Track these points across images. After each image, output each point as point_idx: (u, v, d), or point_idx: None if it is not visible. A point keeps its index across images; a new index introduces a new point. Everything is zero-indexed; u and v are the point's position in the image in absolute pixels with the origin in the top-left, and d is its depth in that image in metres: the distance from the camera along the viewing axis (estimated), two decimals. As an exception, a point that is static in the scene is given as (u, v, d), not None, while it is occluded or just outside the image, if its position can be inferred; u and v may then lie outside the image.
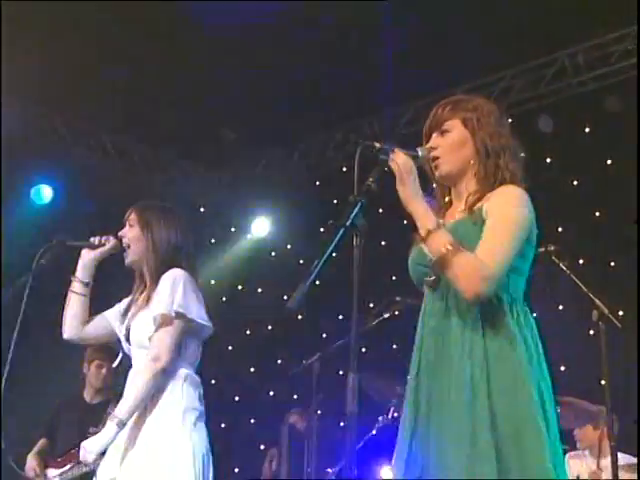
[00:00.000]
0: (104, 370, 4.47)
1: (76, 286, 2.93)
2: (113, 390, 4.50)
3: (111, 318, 2.95)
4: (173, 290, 2.70)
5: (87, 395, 4.52)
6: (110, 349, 4.12)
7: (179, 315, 2.69)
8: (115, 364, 2.92)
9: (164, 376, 2.67)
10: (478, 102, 2.17)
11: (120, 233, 2.90)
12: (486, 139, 2.10)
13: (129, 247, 2.86)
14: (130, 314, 2.85)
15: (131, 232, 2.87)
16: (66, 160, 6.51)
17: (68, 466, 4.21)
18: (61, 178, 6.46)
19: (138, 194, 6.40)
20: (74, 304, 2.93)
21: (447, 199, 2.18)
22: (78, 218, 5.99)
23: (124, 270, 2.92)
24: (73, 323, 2.93)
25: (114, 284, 3.02)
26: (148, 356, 2.66)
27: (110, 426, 2.60)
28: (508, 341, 1.94)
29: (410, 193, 1.96)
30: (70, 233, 3.01)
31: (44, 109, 6.19)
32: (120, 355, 2.89)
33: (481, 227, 1.99)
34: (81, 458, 2.63)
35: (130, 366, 2.82)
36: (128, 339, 2.81)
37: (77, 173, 6.49)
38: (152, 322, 2.69)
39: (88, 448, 2.60)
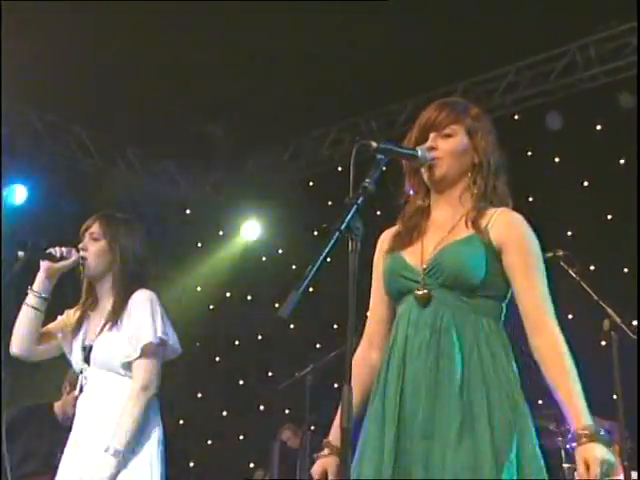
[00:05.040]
0: None
1: (33, 300, 2.88)
2: None
3: (57, 332, 2.94)
4: (154, 316, 2.75)
5: (60, 411, 4.39)
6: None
7: (163, 342, 2.75)
8: (77, 392, 2.87)
9: (152, 404, 2.73)
10: (479, 111, 2.22)
11: (81, 246, 2.87)
12: (490, 155, 2.15)
13: (89, 260, 2.85)
14: (86, 331, 2.85)
15: (95, 245, 2.86)
16: (42, 158, 6.50)
17: None
18: (36, 178, 6.45)
19: (120, 195, 6.49)
20: (29, 318, 2.88)
21: (426, 202, 2.19)
22: (55, 221, 5.98)
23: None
24: (25, 339, 2.90)
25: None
26: (136, 385, 2.70)
27: (107, 458, 2.60)
28: (503, 370, 1.99)
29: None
30: (46, 237, 3.01)
31: (18, 103, 6.18)
32: (80, 381, 2.85)
33: (494, 253, 2.06)
34: None
35: (82, 387, 2.81)
36: (87, 359, 2.80)
37: (54, 172, 6.49)
38: (128, 346, 2.72)
39: None
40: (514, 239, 2.06)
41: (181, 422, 7.02)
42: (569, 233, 5.66)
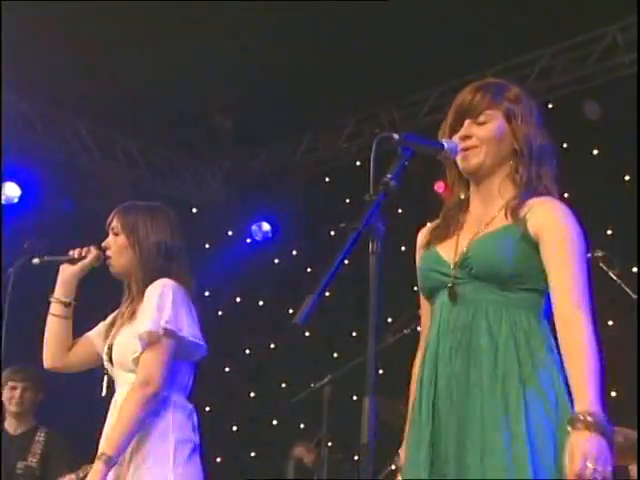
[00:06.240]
0: (17, 392, 4.51)
1: (56, 308, 2.93)
2: (36, 416, 4.58)
3: (95, 339, 2.97)
4: (161, 304, 2.71)
5: (9, 426, 4.55)
6: (28, 368, 4.19)
7: (168, 332, 2.71)
8: (103, 392, 2.91)
9: (155, 403, 2.68)
10: (519, 92, 2.22)
11: (104, 244, 2.92)
12: (531, 140, 2.15)
13: (113, 258, 2.88)
14: (113, 330, 2.88)
15: (116, 241, 2.89)
16: (37, 153, 6.54)
17: None
18: (31, 174, 6.49)
19: (121, 192, 6.51)
20: (55, 328, 2.93)
21: (463, 196, 2.22)
22: (51, 220, 6.03)
23: (110, 283, 2.94)
24: (55, 350, 2.94)
25: (101, 299, 3.03)
26: (136, 380, 2.68)
27: (97, 466, 2.61)
28: (544, 367, 2.02)
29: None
30: (43, 237, 3.04)
31: (10, 95, 6.22)
32: (105, 380, 2.89)
33: (530, 244, 2.07)
34: None
35: (113, 392, 2.84)
36: (111, 359, 2.83)
37: (50, 168, 6.53)
38: (136, 340, 2.71)
39: None
40: (551, 227, 2.07)
41: (188, 438, 7.05)
42: (609, 232, 5.63)
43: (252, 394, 7.21)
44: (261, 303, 7.37)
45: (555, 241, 2.06)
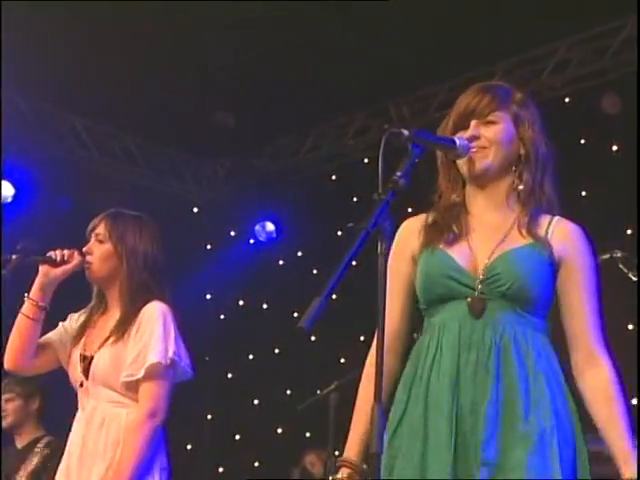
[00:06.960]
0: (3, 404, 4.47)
1: (30, 309, 2.90)
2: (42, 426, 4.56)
3: (56, 344, 2.97)
4: (165, 334, 2.77)
5: (15, 441, 4.52)
6: (11, 379, 4.19)
7: (173, 364, 2.78)
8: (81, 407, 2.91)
9: (158, 432, 2.75)
10: (524, 97, 2.24)
11: (85, 249, 2.91)
12: (537, 146, 2.17)
13: (94, 264, 2.88)
14: (89, 341, 2.87)
15: (100, 248, 2.89)
16: (32, 150, 6.55)
17: None
18: (27, 172, 6.50)
19: (119, 191, 6.52)
20: (24, 330, 2.91)
21: (460, 198, 2.20)
22: (46, 221, 6.03)
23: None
24: (19, 352, 2.93)
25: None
26: (141, 411, 2.72)
27: None
28: (567, 391, 2.10)
29: None
30: (37, 239, 3.03)
31: (6, 91, 6.24)
32: (79, 397, 2.88)
33: (553, 268, 2.12)
34: None
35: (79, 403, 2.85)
36: (86, 372, 2.83)
37: (45, 166, 6.54)
38: (132, 365, 2.74)
39: None
40: (577, 255, 2.14)
41: (189, 447, 7.06)
42: (629, 232, 5.61)
43: (256, 401, 7.21)
44: (265, 306, 7.38)
45: (581, 272, 2.14)
